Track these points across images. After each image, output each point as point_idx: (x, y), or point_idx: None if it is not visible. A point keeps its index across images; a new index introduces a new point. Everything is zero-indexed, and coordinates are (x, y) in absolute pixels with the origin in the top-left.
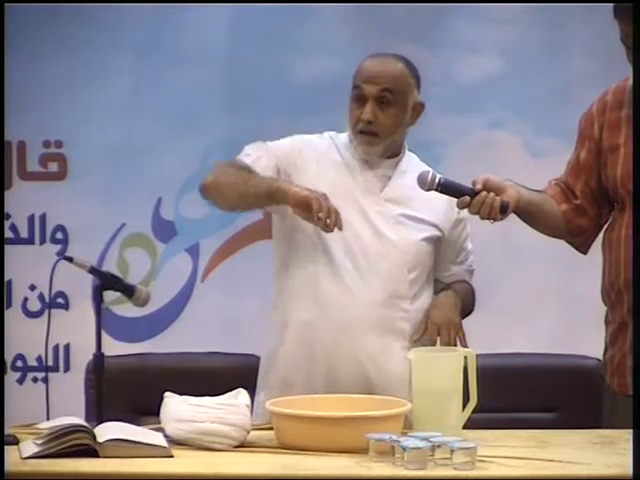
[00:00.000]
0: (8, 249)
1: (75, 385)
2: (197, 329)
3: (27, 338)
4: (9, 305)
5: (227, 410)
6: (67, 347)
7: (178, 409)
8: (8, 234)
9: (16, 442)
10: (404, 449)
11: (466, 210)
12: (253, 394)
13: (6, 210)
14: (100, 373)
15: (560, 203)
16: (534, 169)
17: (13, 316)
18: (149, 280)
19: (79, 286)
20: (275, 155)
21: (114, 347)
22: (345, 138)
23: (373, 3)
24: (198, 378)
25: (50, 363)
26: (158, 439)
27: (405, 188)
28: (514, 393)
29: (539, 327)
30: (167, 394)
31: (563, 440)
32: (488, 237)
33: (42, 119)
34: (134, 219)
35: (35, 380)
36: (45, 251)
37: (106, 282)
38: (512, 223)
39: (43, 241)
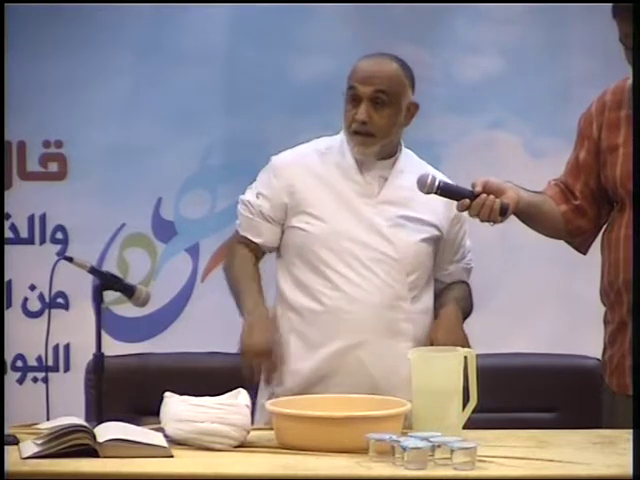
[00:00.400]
0: (8, 249)
1: (75, 385)
2: (197, 329)
3: (27, 338)
4: (9, 305)
5: (227, 410)
6: (67, 347)
7: (178, 409)
8: (8, 234)
9: (16, 442)
10: (404, 449)
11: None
12: (252, 394)
13: (6, 210)
14: (100, 373)
15: (559, 204)
16: (534, 169)
17: (13, 316)
18: (149, 280)
19: (79, 286)
20: (274, 196)
21: (114, 347)
22: (339, 140)
23: (373, 3)
24: (198, 378)
25: (50, 363)
26: (158, 439)
27: (403, 189)
28: (514, 393)
29: (539, 327)
30: (167, 394)
31: (563, 440)
32: (488, 237)
33: (42, 119)
34: (134, 219)
35: (35, 380)
36: (45, 251)
37: (106, 282)
38: (512, 223)
39: (43, 241)
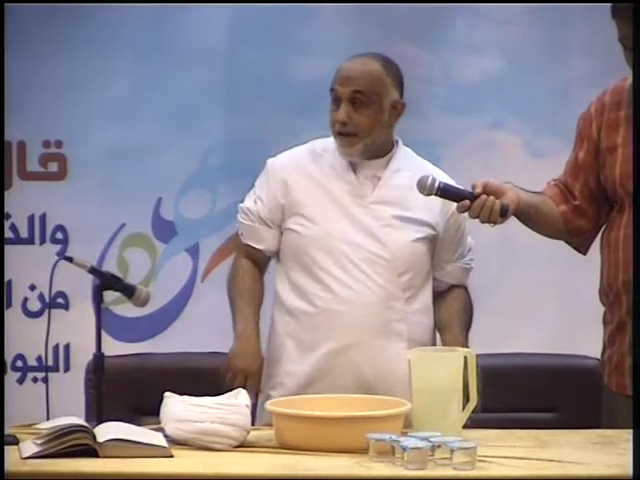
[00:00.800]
0: (8, 249)
1: (75, 385)
2: (197, 329)
3: (27, 338)
4: (9, 305)
5: (227, 410)
6: (67, 347)
7: (178, 409)
8: (8, 234)
9: (16, 442)
10: (404, 449)
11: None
12: (253, 395)
13: (6, 210)
14: (100, 373)
15: (559, 204)
16: (534, 169)
17: (13, 316)
18: (149, 280)
19: (79, 286)
20: (271, 197)
21: (114, 347)
22: (333, 143)
23: (373, 3)
24: (198, 378)
25: (50, 363)
26: (158, 439)
27: (397, 188)
28: (514, 393)
29: (539, 327)
30: (167, 394)
31: (563, 440)
32: (488, 237)
33: (42, 119)
34: (134, 219)
35: (35, 380)
36: (45, 251)
37: (106, 282)
38: (512, 224)
39: (43, 241)
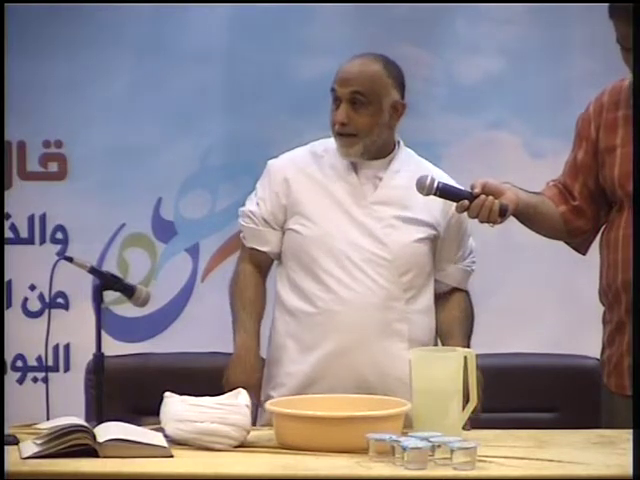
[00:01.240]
0: (8, 249)
1: (75, 385)
2: (197, 329)
3: (27, 338)
4: (9, 305)
5: (227, 410)
6: (67, 347)
7: (178, 409)
8: (8, 234)
9: (16, 442)
10: (404, 449)
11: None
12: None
13: (6, 210)
14: (100, 373)
15: (558, 204)
16: (534, 169)
17: (13, 316)
18: (149, 280)
19: (79, 286)
20: (273, 198)
21: (114, 347)
22: (334, 143)
23: (373, 3)
24: (198, 378)
25: (50, 363)
26: (158, 439)
27: (398, 188)
28: (514, 393)
29: (539, 327)
30: (167, 394)
31: (563, 440)
32: (488, 237)
33: (42, 119)
34: (134, 219)
35: (35, 380)
36: (45, 251)
37: (106, 282)
38: (512, 224)
39: (43, 241)
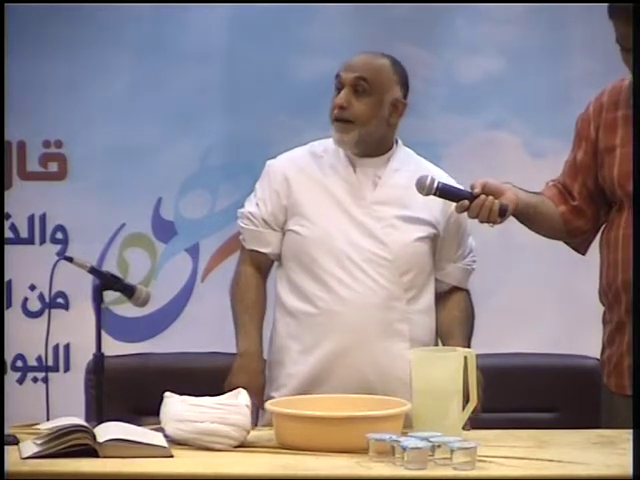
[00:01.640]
0: (8, 249)
1: (75, 385)
2: (197, 329)
3: (27, 338)
4: (9, 305)
5: (227, 410)
6: (67, 347)
7: (178, 409)
8: (8, 234)
9: (16, 442)
10: (404, 449)
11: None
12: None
13: (6, 210)
14: (100, 373)
15: (558, 204)
16: (534, 169)
17: (13, 316)
18: (149, 280)
19: (79, 286)
20: (273, 199)
21: (114, 347)
22: (332, 143)
23: (373, 3)
24: (198, 378)
25: (50, 363)
26: (158, 439)
27: (398, 187)
28: (514, 393)
29: (539, 327)
30: (167, 394)
31: (563, 440)
32: (488, 237)
33: (42, 119)
34: (134, 219)
35: (35, 380)
36: (45, 251)
37: (106, 282)
38: (512, 223)
39: (43, 241)
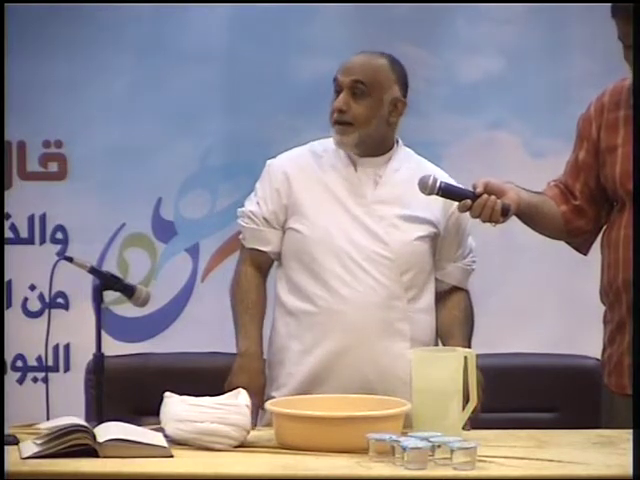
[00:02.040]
0: (8, 249)
1: (75, 385)
2: (197, 329)
3: (27, 338)
4: (9, 305)
5: (227, 410)
6: (67, 347)
7: (178, 409)
8: (8, 234)
9: (16, 442)
10: (404, 449)
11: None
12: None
13: (6, 210)
14: (100, 373)
15: (559, 204)
16: (534, 169)
17: (13, 316)
18: (149, 280)
19: (79, 286)
20: (274, 198)
21: (114, 347)
22: (333, 143)
23: (373, 3)
24: (198, 378)
25: (50, 363)
26: (158, 439)
27: (398, 187)
28: (514, 393)
29: (539, 327)
30: (167, 394)
31: (563, 440)
32: (488, 236)
33: (42, 119)
34: (134, 219)
35: (35, 380)
36: (45, 251)
37: (106, 282)
38: (512, 223)
39: (43, 241)
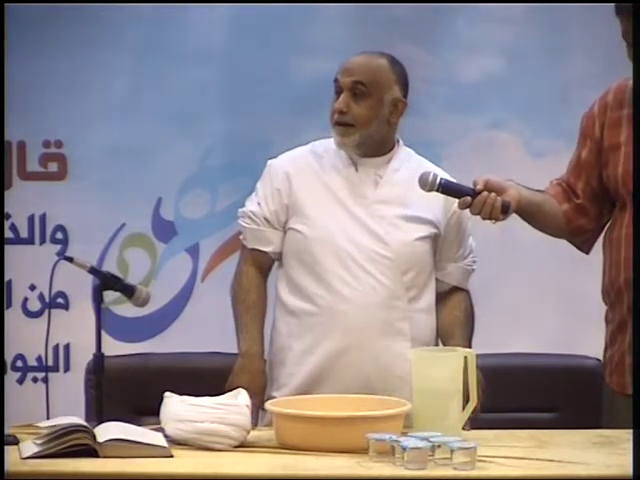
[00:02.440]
0: (8, 249)
1: (75, 385)
2: (197, 329)
3: (27, 338)
4: (9, 305)
5: (227, 410)
6: (67, 347)
7: (178, 409)
8: (8, 234)
9: (16, 442)
10: (404, 449)
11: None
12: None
13: (6, 210)
14: (100, 373)
15: (561, 203)
16: (533, 169)
17: (13, 316)
18: (149, 280)
19: (79, 286)
20: (275, 198)
21: (114, 347)
22: (333, 143)
23: (373, 3)
24: (198, 378)
25: (50, 363)
26: (158, 439)
27: (398, 187)
28: (514, 393)
29: (539, 327)
30: (167, 394)
31: (563, 440)
32: (488, 236)
33: (42, 119)
34: (134, 219)
35: (35, 380)
36: (45, 251)
37: (106, 282)
38: (513, 222)
39: (43, 241)
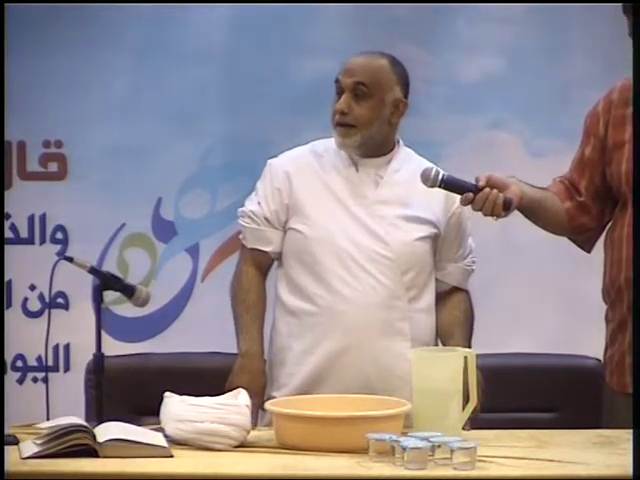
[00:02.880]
0: (8, 249)
1: (75, 385)
2: (197, 329)
3: (27, 338)
4: (9, 305)
5: (227, 410)
6: (67, 347)
7: (178, 409)
8: (8, 234)
9: (16, 442)
10: (404, 449)
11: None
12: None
13: (6, 210)
14: (100, 373)
15: (564, 200)
16: (533, 169)
17: (13, 316)
18: (149, 280)
19: (79, 286)
20: (275, 197)
21: (114, 347)
22: (334, 143)
23: (373, 3)
24: (198, 378)
25: (50, 363)
26: (158, 439)
27: (398, 187)
28: (514, 393)
29: (539, 327)
30: (167, 394)
31: (563, 440)
32: (489, 235)
33: (42, 119)
34: (134, 219)
35: (35, 380)
36: (45, 251)
37: (106, 282)
38: (513, 221)
39: (43, 241)
